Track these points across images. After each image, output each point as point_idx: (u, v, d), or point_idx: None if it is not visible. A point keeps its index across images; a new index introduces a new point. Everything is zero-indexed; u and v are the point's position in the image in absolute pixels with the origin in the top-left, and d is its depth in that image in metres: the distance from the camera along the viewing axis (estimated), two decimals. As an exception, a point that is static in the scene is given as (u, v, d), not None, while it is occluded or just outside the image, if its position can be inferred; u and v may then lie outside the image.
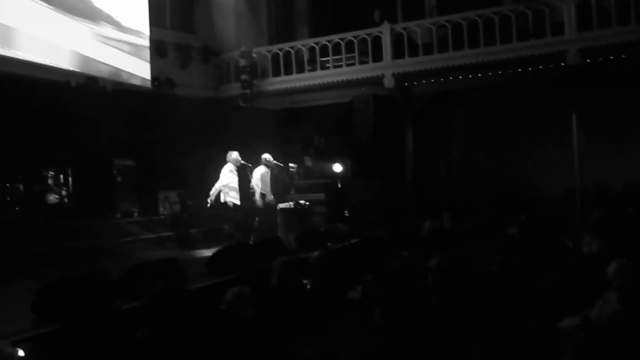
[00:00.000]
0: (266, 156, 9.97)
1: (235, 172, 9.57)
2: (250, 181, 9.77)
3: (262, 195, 9.74)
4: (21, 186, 9.40)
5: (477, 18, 11.58)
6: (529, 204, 10.45)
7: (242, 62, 13.20)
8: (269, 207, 9.93)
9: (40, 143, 9.79)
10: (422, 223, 7.91)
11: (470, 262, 5.46)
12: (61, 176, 10.17)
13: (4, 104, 9.21)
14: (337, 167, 12.20)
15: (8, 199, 9.13)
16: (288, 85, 13.37)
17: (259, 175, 9.77)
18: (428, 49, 12.11)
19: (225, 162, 9.55)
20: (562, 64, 11.15)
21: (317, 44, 13.09)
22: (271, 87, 13.47)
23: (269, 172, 9.97)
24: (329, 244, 8.94)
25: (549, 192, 11.65)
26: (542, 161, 12.22)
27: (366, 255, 8.01)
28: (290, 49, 13.31)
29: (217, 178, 9.55)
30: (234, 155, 9.58)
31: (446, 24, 11.91)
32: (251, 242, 8.96)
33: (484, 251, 6.19)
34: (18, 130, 9.36)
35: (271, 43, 13.98)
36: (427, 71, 12.18)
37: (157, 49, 12.62)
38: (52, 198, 9.75)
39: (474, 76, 12.29)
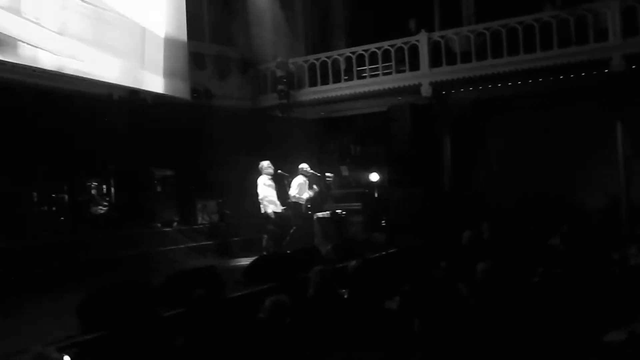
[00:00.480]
0: (303, 166, 10.03)
1: (272, 182, 9.64)
2: (287, 191, 9.84)
3: (300, 204, 9.79)
4: (66, 197, 9.66)
5: (517, 25, 11.41)
6: (571, 215, 10.20)
7: (279, 73, 13.32)
8: (306, 217, 9.97)
9: (85, 155, 10.05)
10: (461, 233, 7.80)
11: (511, 272, 5.35)
12: (104, 187, 10.40)
13: (50, 117, 9.52)
14: (374, 177, 12.15)
15: (54, 209, 9.38)
16: (325, 95, 13.42)
17: (297, 185, 9.84)
18: (466, 57, 11.98)
19: (260, 174, 9.64)
20: (606, 71, 10.87)
21: (353, 53, 13.11)
22: (308, 97, 13.54)
23: (307, 181, 10.03)
24: (366, 254, 8.89)
25: (593, 203, 11.34)
26: (585, 171, 11.88)
27: (404, 265, 7.94)
28: (327, 59, 13.37)
29: (254, 187, 9.63)
30: (265, 164, 9.66)
31: (485, 31, 11.77)
32: (288, 252, 8.99)
33: (525, 262, 6.05)
34: (63, 143, 9.65)
35: (308, 53, 14.06)
36: (465, 79, 12.05)
37: (196, 61, 12.87)
38: (96, 208, 9.99)
39: (513, 84, 12.08)
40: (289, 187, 9.81)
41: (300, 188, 9.88)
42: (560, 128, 12.15)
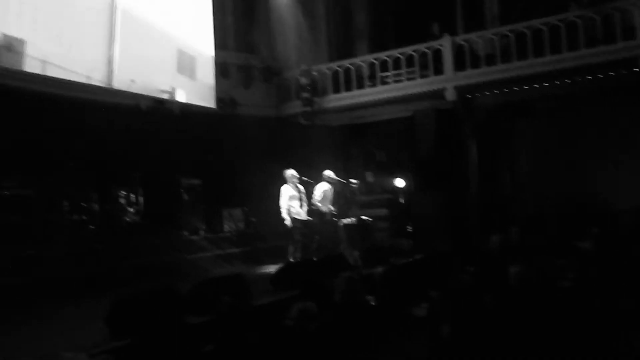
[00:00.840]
0: (328, 173, 10.03)
1: (296, 190, 9.64)
2: (312, 198, 9.85)
3: (325, 212, 9.79)
4: (96, 206, 9.81)
5: (542, 26, 11.27)
6: (602, 217, 9.98)
7: (303, 80, 13.38)
8: (331, 224, 9.96)
9: (113, 164, 10.22)
10: (489, 238, 7.70)
11: (543, 277, 5.25)
12: (132, 196, 10.54)
13: (79, 127, 9.70)
14: (400, 182, 12.09)
15: (84, 218, 9.54)
16: (348, 102, 13.43)
17: (322, 192, 9.84)
18: (491, 60, 11.86)
19: (284, 182, 9.66)
20: (635, 69, 10.65)
21: (376, 59, 13.10)
22: (332, 104, 13.56)
23: (332, 188, 10.02)
24: (392, 260, 8.84)
25: (624, 204, 11.08)
26: (615, 171, 11.64)
27: (431, 271, 7.86)
28: (350, 66, 13.38)
29: (279, 194, 9.66)
30: (289, 173, 9.67)
31: (509, 33, 11.65)
32: (315, 259, 8.99)
33: (555, 266, 5.93)
34: (93, 153, 9.82)
35: (331, 60, 14.09)
36: (490, 82, 11.93)
37: (221, 70, 13.00)
38: (124, 217, 10.13)
39: (539, 86, 11.92)
40: (314, 193, 9.81)
41: (324, 195, 9.87)
42: (588, 129, 11.95)
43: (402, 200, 12.07)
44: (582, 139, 12.06)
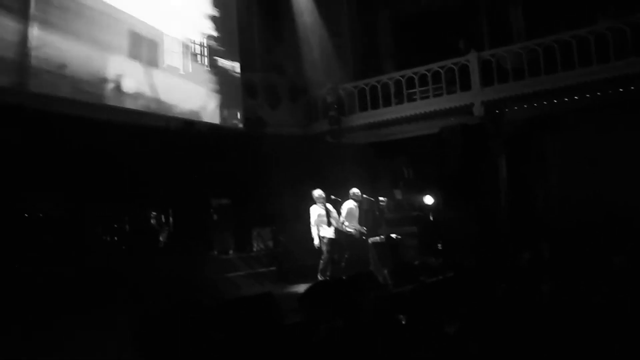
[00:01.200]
0: (354, 191, 10.03)
1: (324, 209, 9.66)
2: (339, 216, 9.85)
3: (352, 230, 9.77)
4: (127, 226, 9.99)
5: (570, 39, 11.14)
6: (636, 231, 9.72)
7: (329, 99, 13.46)
8: (360, 242, 9.92)
9: (144, 185, 10.39)
10: (520, 254, 7.57)
11: (574, 293, 5.13)
12: (163, 216, 10.70)
13: (110, 149, 9.92)
14: (428, 199, 12.00)
15: (115, 238, 9.72)
16: (375, 119, 13.44)
17: (348, 210, 9.84)
18: (518, 74, 11.77)
19: (313, 202, 9.69)
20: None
21: (403, 76, 13.11)
22: (358, 122, 13.59)
23: (357, 206, 10.01)
24: (422, 278, 8.73)
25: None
26: (650, 185, 11.36)
27: (461, 289, 7.74)
28: (377, 83, 13.42)
29: (308, 214, 9.69)
30: (317, 193, 9.70)
31: (537, 47, 11.55)
32: (344, 278, 8.94)
33: (588, 282, 5.79)
34: (124, 174, 10.02)
35: (357, 78, 14.15)
36: (519, 97, 11.81)
37: (248, 91, 13.18)
38: (155, 237, 10.28)
39: (570, 99, 11.75)
40: (340, 211, 9.82)
41: (350, 213, 9.86)
42: (621, 142, 11.69)
43: (431, 218, 11.95)
44: (614, 151, 11.80)
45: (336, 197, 10.01)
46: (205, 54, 12.18)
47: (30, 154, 8.83)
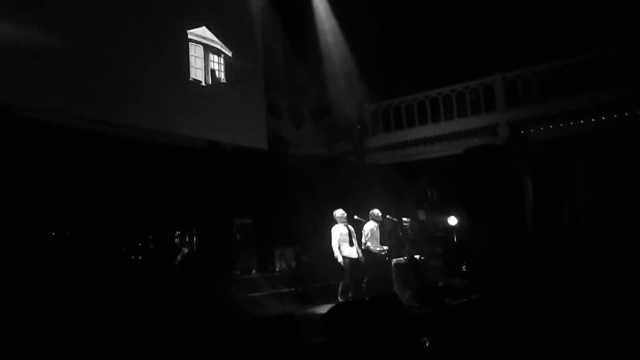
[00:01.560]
0: (374, 211, 9.97)
1: (346, 229, 9.62)
2: (362, 236, 9.79)
3: (375, 251, 9.71)
4: (151, 245, 10.05)
5: (596, 59, 11.03)
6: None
7: (353, 119, 13.50)
8: (382, 262, 9.84)
9: (168, 204, 10.48)
10: (548, 275, 7.42)
11: (602, 315, 5.00)
12: (187, 236, 10.74)
13: (136, 169, 10.06)
14: (453, 220, 11.87)
15: (140, 257, 9.78)
16: (399, 140, 13.45)
17: (368, 230, 9.78)
18: (544, 95, 11.69)
19: (334, 222, 9.66)
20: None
21: (427, 97, 13.10)
22: (382, 142, 13.59)
23: (378, 226, 9.94)
24: (447, 300, 8.61)
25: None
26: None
27: (487, 310, 7.61)
28: (400, 104, 13.42)
29: (330, 234, 9.64)
30: (338, 213, 9.66)
31: (562, 67, 11.46)
32: (367, 299, 8.85)
33: (620, 303, 5.64)
34: (149, 194, 10.13)
35: (381, 99, 14.19)
36: (544, 117, 11.73)
37: (272, 111, 13.28)
38: (179, 256, 10.32)
39: (596, 119, 11.60)
40: (362, 232, 9.78)
41: (371, 234, 9.80)
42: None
43: (455, 239, 11.81)
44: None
45: (359, 217, 9.96)
46: (230, 74, 12.32)
47: (56, 172, 8.98)
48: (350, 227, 9.69)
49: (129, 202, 9.78)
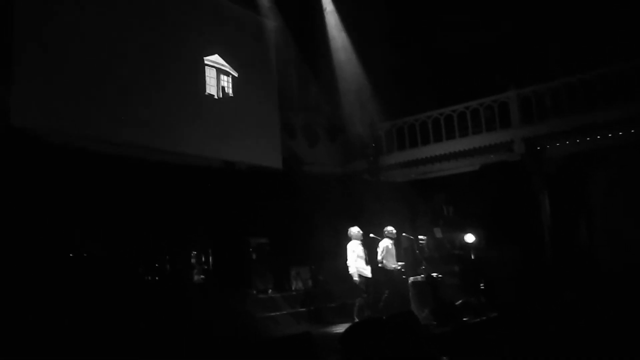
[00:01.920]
0: (389, 229, 9.95)
1: (362, 247, 9.59)
2: (377, 254, 9.76)
3: (390, 269, 9.66)
4: (168, 266, 10.09)
5: (612, 74, 10.97)
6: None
7: (367, 137, 13.51)
8: (399, 281, 9.78)
9: (185, 225, 10.55)
10: (566, 294, 7.32)
11: (626, 335, 4.91)
12: (203, 256, 10.78)
13: (154, 190, 10.15)
14: (469, 238, 11.78)
15: (157, 278, 9.82)
16: (414, 157, 13.41)
17: (384, 248, 9.75)
18: (559, 110, 11.61)
19: (350, 240, 9.63)
20: None
21: (441, 114, 13.10)
22: (397, 160, 13.58)
23: (393, 244, 9.91)
24: (465, 318, 8.51)
25: None
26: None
27: (505, 330, 7.50)
28: (415, 122, 13.43)
29: (346, 252, 9.62)
30: (354, 230, 9.64)
31: (578, 83, 11.41)
32: (384, 317, 8.78)
33: (636, 324, 5.54)
34: (166, 214, 10.20)
35: (395, 116, 14.19)
36: (560, 133, 11.63)
37: (287, 130, 13.35)
38: (195, 276, 10.35)
39: (613, 135, 11.49)
40: (377, 249, 9.75)
41: (386, 251, 9.76)
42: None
43: (472, 256, 11.71)
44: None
45: (375, 235, 9.93)
46: (244, 94, 12.43)
47: (74, 194, 9.10)
48: (365, 244, 9.69)
49: (146, 223, 9.86)
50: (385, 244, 9.82)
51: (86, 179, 9.27)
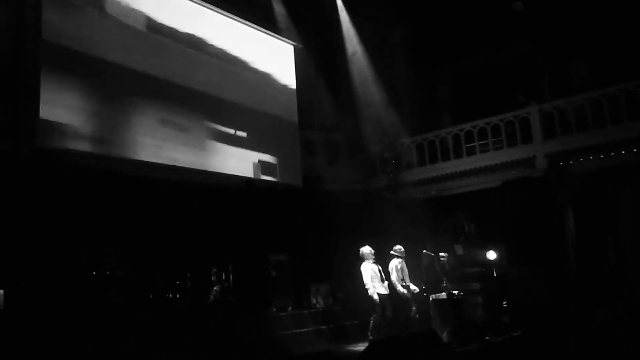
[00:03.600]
0: (396, 247, 9.88)
1: (376, 265, 9.55)
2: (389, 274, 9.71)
3: (404, 287, 9.59)
4: (189, 283, 10.12)
5: (636, 89, 10.81)
6: None
7: (387, 154, 13.49)
8: (418, 298, 9.68)
9: (205, 242, 10.60)
10: (592, 313, 7.15)
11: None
12: (223, 273, 10.79)
13: (174, 208, 10.25)
14: (491, 255, 11.60)
15: (177, 295, 9.86)
16: (434, 174, 13.32)
17: (393, 267, 9.68)
18: (582, 125, 11.46)
19: (362, 260, 9.58)
20: None
21: (461, 130, 13.02)
22: (417, 177, 13.50)
23: (402, 261, 9.83)
24: (487, 337, 8.36)
25: None
26: None
27: (530, 348, 7.36)
28: (435, 138, 13.37)
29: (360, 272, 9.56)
30: (366, 250, 9.59)
31: (601, 98, 11.26)
32: (404, 335, 8.68)
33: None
34: (186, 232, 10.27)
35: (415, 133, 14.15)
36: (583, 149, 11.46)
37: (306, 148, 13.40)
38: (216, 293, 10.35)
39: (639, 150, 11.29)
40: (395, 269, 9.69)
41: (395, 270, 9.68)
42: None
43: (495, 274, 11.52)
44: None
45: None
46: (265, 112, 12.53)
47: (96, 214, 9.23)
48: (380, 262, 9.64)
49: (167, 241, 9.94)
50: (394, 263, 9.74)
51: (109, 198, 9.41)
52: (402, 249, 9.87)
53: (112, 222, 9.33)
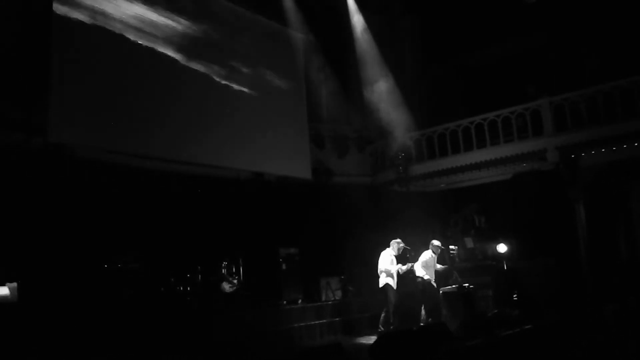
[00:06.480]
0: (435, 242, 9.86)
1: (394, 257, 9.55)
2: (414, 265, 9.69)
3: (425, 280, 9.57)
4: (199, 276, 10.18)
5: (647, 80, 10.71)
6: None
7: (397, 148, 13.43)
8: (431, 292, 9.68)
9: (216, 235, 10.64)
10: (604, 308, 7.10)
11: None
12: (233, 266, 10.83)
13: (185, 202, 10.30)
14: (502, 248, 11.56)
15: (188, 289, 9.92)
16: (444, 167, 13.25)
17: (424, 260, 9.67)
18: (594, 118, 11.35)
19: (386, 246, 9.58)
20: None
21: (471, 123, 12.94)
22: (427, 170, 13.44)
23: (435, 258, 9.83)
24: (497, 330, 8.34)
25: None
26: None
27: (540, 343, 7.33)
28: (444, 131, 13.31)
29: (376, 261, 9.56)
30: (396, 242, 9.59)
31: (613, 90, 11.15)
32: (414, 328, 8.69)
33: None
34: (197, 225, 10.32)
35: (425, 126, 14.08)
36: (596, 141, 11.34)
37: (316, 142, 13.39)
38: (226, 287, 10.40)
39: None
40: (416, 260, 9.67)
41: (426, 263, 9.67)
42: None
43: (505, 267, 11.48)
44: None
45: (405, 245, 9.86)
46: (274, 105, 12.53)
47: (106, 207, 9.29)
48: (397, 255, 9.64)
49: (178, 234, 9.99)
50: (426, 256, 9.77)
51: (119, 192, 9.47)
52: (439, 244, 9.87)
53: (123, 216, 9.40)
